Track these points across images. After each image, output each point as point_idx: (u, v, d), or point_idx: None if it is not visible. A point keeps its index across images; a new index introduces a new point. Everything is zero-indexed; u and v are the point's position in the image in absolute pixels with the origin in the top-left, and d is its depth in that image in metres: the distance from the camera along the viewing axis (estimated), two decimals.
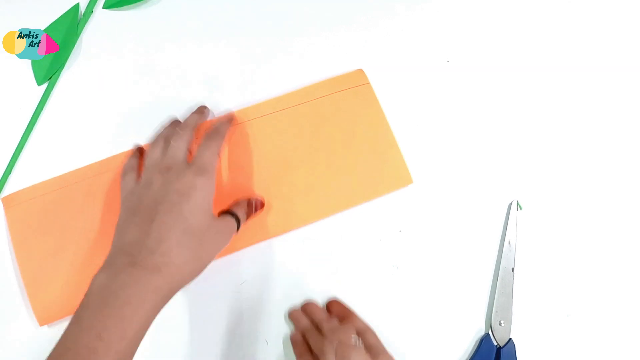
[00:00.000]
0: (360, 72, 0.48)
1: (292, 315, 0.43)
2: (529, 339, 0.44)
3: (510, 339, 0.44)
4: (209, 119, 0.47)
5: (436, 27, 0.49)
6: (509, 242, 0.45)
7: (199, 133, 0.44)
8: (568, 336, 0.44)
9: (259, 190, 0.46)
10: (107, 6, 0.50)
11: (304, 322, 0.42)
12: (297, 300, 0.44)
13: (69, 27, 0.50)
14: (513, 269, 0.44)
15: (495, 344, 0.44)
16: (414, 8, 0.50)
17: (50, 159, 0.47)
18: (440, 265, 0.45)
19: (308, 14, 0.50)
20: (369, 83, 0.47)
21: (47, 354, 0.33)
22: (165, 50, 0.49)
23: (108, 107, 0.48)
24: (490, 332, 0.44)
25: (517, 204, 0.46)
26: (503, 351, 0.43)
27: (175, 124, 0.44)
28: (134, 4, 0.50)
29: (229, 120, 0.46)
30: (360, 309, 0.43)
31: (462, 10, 0.50)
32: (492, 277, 0.45)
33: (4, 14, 0.50)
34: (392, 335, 0.43)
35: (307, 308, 0.43)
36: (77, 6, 0.50)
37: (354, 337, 0.39)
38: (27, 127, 0.48)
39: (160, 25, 0.50)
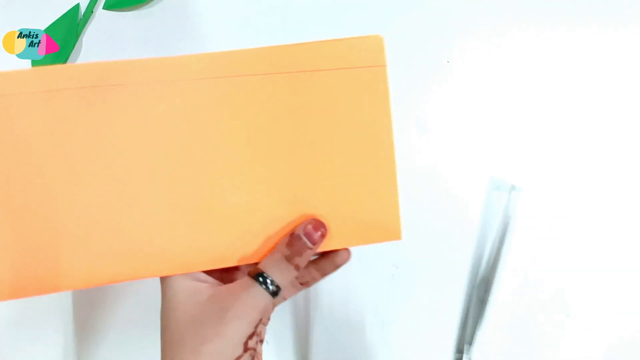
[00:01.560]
0: (377, 40, 0.30)
1: None
2: (529, 339, 0.44)
3: None
4: None
5: (436, 26, 0.50)
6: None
7: None
8: (569, 337, 0.44)
9: (161, 199, 0.30)
10: (107, 7, 0.50)
11: None
12: (297, 299, 0.44)
13: (69, 28, 0.50)
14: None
15: None
16: (413, 8, 0.50)
17: None
18: (440, 265, 0.45)
19: (310, 13, 0.50)
20: (385, 65, 0.30)
21: None
22: (166, 52, 0.49)
23: None
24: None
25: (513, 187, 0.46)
26: None
27: None
28: (134, 5, 0.50)
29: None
30: (359, 307, 0.43)
31: (462, 10, 0.50)
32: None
33: (3, 14, 0.50)
34: (392, 335, 0.43)
35: None
36: (77, 7, 0.50)
37: None
38: None
39: (160, 26, 0.50)
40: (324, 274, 0.33)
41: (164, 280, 0.30)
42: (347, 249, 0.33)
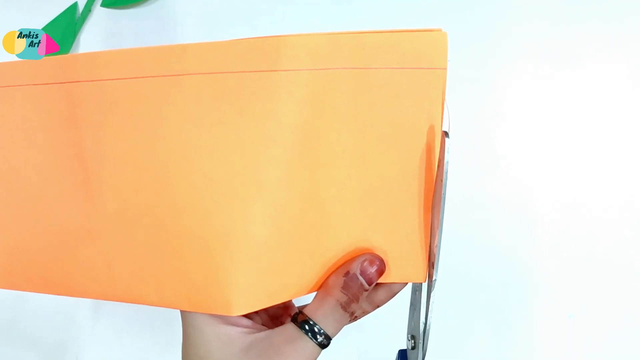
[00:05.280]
0: (440, 36, 0.24)
1: None
2: (529, 339, 0.44)
3: None
4: None
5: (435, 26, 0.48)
6: None
7: None
8: (570, 338, 0.44)
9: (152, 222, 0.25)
10: (105, 4, 0.50)
11: None
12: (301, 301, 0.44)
13: (67, 26, 0.50)
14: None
15: None
16: (413, 7, 0.48)
17: None
18: None
19: (304, 13, 0.49)
20: (445, 68, 0.24)
21: None
22: None
23: None
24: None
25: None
26: None
27: None
28: (132, 3, 0.50)
29: None
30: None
31: (461, 9, 0.48)
32: None
33: (3, 14, 0.50)
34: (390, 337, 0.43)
35: None
36: (75, 5, 0.50)
37: None
38: None
39: (158, 24, 0.50)
40: (377, 305, 0.27)
41: (185, 318, 0.25)
42: None
